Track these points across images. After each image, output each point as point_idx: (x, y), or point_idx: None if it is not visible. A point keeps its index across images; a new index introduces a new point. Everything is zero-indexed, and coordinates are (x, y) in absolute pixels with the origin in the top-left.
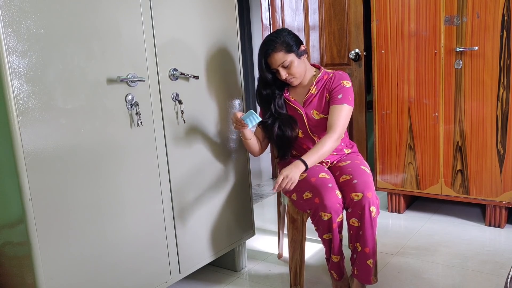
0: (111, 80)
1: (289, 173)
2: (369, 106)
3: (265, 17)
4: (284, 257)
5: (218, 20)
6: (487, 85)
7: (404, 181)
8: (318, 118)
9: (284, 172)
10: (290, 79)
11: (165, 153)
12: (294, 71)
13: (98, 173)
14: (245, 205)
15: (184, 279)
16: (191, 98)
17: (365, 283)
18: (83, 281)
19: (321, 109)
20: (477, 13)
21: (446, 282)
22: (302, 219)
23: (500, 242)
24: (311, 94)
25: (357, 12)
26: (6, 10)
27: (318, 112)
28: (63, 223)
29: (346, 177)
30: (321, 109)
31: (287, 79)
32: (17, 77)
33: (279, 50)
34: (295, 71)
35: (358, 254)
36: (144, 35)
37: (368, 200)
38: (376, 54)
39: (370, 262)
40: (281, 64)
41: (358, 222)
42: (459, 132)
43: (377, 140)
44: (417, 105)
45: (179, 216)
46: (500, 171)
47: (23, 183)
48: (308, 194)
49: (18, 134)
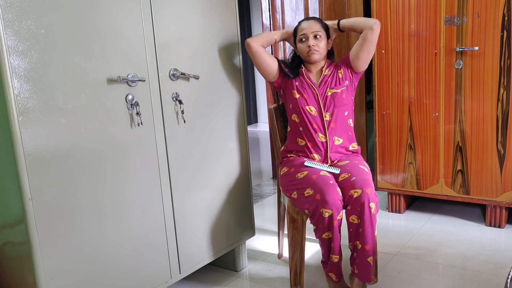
0: (111, 80)
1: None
2: (369, 106)
3: (265, 17)
4: (284, 257)
5: (219, 20)
6: (487, 85)
7: (404, 181)
8: (330, 94)
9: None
10: (314, 50)
11: (165, 153)
12: (320, 45)
13: (98, 173)
14: (245, 205)
15: (184, 279)
16: (191, 98)
17: (365, 281)
18: (83, 281)
19: (333, 85)
20: (478, 13)
21: (446, 282)
22: (302, 219)
23: (500, 242)
24: (325, 75)
25: (357, 12)
26: (6, 10)
27: (330, 88)
28: (64, 223)
29: (344, 175)
30: (333, 85)
31: (311, 49)
32: (17, 77)
33: (318, 22)
34: (321, 45)
35: (358, 252)
36: (145, 35)
37: (367, 196)
38: (376, 54)
39: (370, 260)
40: (314, 33)
41: (358, 219)
42: (460, 132)
43: (377, 140)
44: (417, 105)
45: (179, 216)
46: (500, 171)
47: (24, 183)
48: (309, 191)
49: (19, 134)
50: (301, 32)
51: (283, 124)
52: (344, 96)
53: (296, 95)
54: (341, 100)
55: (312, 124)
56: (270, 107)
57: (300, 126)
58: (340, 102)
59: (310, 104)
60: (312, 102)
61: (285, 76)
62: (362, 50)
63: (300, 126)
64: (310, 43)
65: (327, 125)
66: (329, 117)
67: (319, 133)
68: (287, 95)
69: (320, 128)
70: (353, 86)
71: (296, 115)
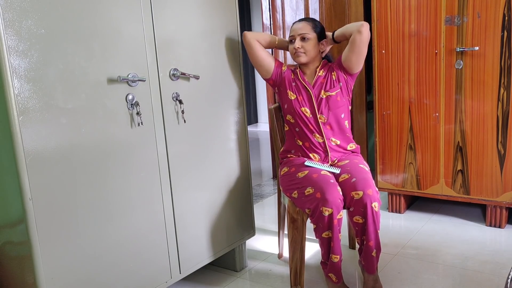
0: (111, 80)
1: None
2: (370, 106)
3: (265, 17)
4: (285, 257)
5: (219, 20)
6: (487, 85)
7: (404, 181)
8: (325, 96)
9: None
10: (299, 52)
11: (166, 153)
12: (308, 47)
13: (98, 173)
14: (246, 205)
15: (184, 279)
16: (191, 98)
17: (370, 273)
18: (83, 281)
19: (327, 87)
20: (478, 13)
21: (446, 282)
22: (302, 219)
23: (501, 242)
24: (319, 76)
25: (358, 12)
26: (6, 9)
27: (325, 90)
28: (64, 222)
29: (344, 176)
30: (327, 87)
31: (297, 51)
32: (17, 77)
33: (308, 23)
34: (308, 48)
35: (364, 247)
36: (145, 34)
37: (369, 197)
38: (376, 54)
39: (374, 253)
40: (302, 35)
41: (362, 218)
42: (460, 132)
43: (377, 140)
44: (417, 105)
45: (179, 216)
46: (500, 171)
47: (24, 183)
48: (310, 190)
49: (19, 134)
50: (290, 33)
51: (283, 124)
52: (338, 99)
53: (292, 96)
54: (336, 103)
55: (308, 125)
56: (270, 107)
57: (296, 127)
58: (335, 105)
59: (304, 105)
60: (306, 103)
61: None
62: (352, 52)
63: (296, 127)
64: (295, 45)
65: (323, 126)
66: (324, 119)
67: (315, 134)
68: (282, 95)
69: (316, 130)
70: (349, 87)
71: (291, 116)
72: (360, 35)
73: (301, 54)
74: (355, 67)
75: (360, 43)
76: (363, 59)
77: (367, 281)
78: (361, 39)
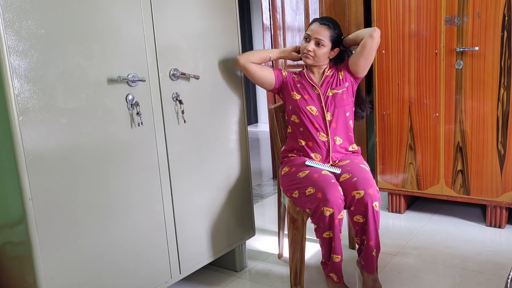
0: (111, 80)
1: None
2: (370, 107)
3: (265, 17)
4: (285, 257)
5: (219, 20)
6: (487, 85)
7: (404, 181)
8: (331, 94)
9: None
10: (310, 55)
11: (166, 153)
12: (319, 53)
13: (98, 173)
14: (246, 205)
15: (184, 279)
16: (191, 98)
17: (369, 273)
18: (83, 281)
19: (333, 85)
20: (478, 13)
21: (446, 282)
22: (302, 219)
23: (501, 242)
24: (327, 76)
25: (358, 12)
26: (6, 9)
27: (331, 88)
28: (64, 223)
29: (345, 176)
30: (333, 85)
31: (307, 53)
32: (17, 77)
33: (328, 30)
34: (319, 53)
35: (364, 246)
36: (145, 35)
37: (370, 197)
38: (376, 54)
39: (374, 253)
40: (317, 40)
41: (363, 218)
42: (460, 133)
43: (377, 140)
44: (417, 105)
45: (179, 216)
46: (500, 172)
47: (24, 183)
48: (311, 190)
49: (19, 134)
50: (308, 30)
51: (283, 124)
52: (344, 97)
53: (296, 96)
54: (341, 101)
55: (313, 123)
56: (270, 107)
57: (300, 126)
58: (340, 103)
59: (311, 104)
60: (313, 102)
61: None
62: (361, 56)
63: (300, 127)
64: (308, 47)
65: (329, 125)
66: (330, 117)
67: (321, 133)
68: (286, 97)
69: (322, 128)
70: (353, 89)
71: (296, 116)
72: (372, 39)
73: (310, 57)
74: (361, 72)
75: (370, 48)
76: (369, 64)
77: (367, 281)
78: (372, 44)
